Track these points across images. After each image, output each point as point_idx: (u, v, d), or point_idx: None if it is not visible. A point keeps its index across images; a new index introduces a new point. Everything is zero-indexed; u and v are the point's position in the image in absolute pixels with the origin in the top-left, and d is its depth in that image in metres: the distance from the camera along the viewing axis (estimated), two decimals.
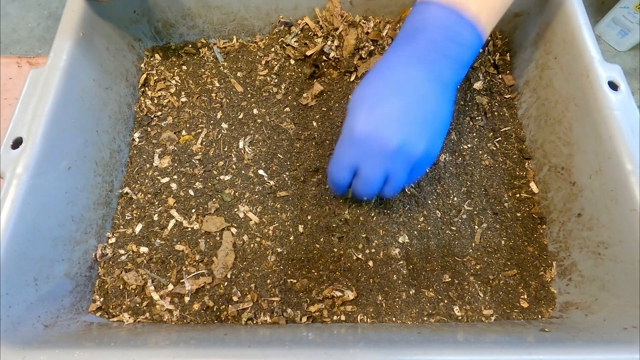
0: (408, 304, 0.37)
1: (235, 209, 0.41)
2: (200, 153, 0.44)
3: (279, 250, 0.39)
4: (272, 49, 0.49)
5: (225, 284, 0.38)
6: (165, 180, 0.42)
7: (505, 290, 0.39)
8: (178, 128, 0.45)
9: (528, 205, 0.43)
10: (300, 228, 0.40)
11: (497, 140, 0.46)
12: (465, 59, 0.32)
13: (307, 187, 0.42)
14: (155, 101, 0.47)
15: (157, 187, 0.42)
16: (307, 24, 0.49)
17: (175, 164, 0.43)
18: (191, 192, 0.42)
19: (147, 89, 0.48)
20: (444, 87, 0.32)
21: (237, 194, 0.42)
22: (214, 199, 0.41)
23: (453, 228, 0.41)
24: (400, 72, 0.32)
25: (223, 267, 0.38)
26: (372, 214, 0.41)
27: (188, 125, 0.45)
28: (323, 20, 0.49)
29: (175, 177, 0.43)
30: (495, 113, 0.47)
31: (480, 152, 0.45)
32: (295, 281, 0.38)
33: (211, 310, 0.37)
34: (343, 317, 0.37)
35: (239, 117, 0.46)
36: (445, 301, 0.38)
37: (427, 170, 0.43)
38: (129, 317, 0.36)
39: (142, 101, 0.47)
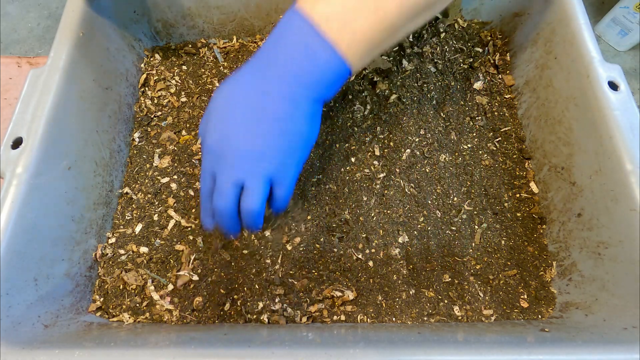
0: (408, 304, 0.37)
1: None
2: (200, 153, 0.44)
3: (279, 250, 0.39)
4: None
5: (226, 283, 0.38)
6: (165, 180, 0.42)
7: (505, 290, 0.39)
8: (178, 128, 0.45)
9: (528, 205, 0.43)
10: (301, 228, 0.40)
11: (497, 140, 0.46)
12: (321, 79, 0.31)
13: (307, 187, 0.42)
14: (155, 101, 0.47)
15: (157, 187, 0.42)
16: None
17: (175, 164, 0.43)
18: (191, 192, 0.42)
19: (147, 89, 0.48)
20: (294, 105, 0.31)
21: None
22: None
23: (453, 228, 0.41)
24: (250, 86, 0.31)
25: (223, 267, 0.38)
26: (372, 214, 0.41)
27: (188, 125, 0.45)
28: None
29: (175, 177, 0.43)
30: (495, 113, 0.47)
31: (480, 152, 0.45)
32: (295, 281, 0.38)
33: (211, 310, 0.37)
34: (343, 317, 0.37)
35: None
36: (445, 301, 0.38)
37: (427, 170, 0.43)
38: (129, 317, 0.36)
39: (142, 101, 0.47)
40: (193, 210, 0.41)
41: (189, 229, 0.40)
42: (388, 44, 0.32)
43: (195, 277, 0.38)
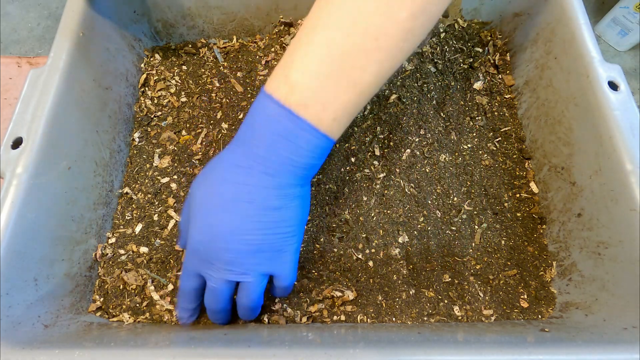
0: (408, 304, 0.37)
1: None
2: (200, 153, 0.44)
3: None
4: (272, 49, 0.49)
5: None
6: (165, 180, 0.42)
7: (505, 290, 0.39)
8: (178, 128, 0.45)
9: (528, 205, 0.43)
10: None
11: (497, 140, 0.46)
12: (307, 160, 0.29)
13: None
14: (155, 101, 0.47)
15: (157, 187, 0.42)
16: None
17: (175, 164, 0.43)
18: None
19: (147, 89, 0.48)
20: (283, 194, 0.29)
21: None
22: None
23: (453, 228, 0.41)
24: (233, 179, 0.29)
25: None
26: (372, 214, 0.41)
27: (188, 125, 0.45)
28: None
29: (175, 177, 0.43)
30: (495, 113, 0.47)
31: (480, 152, 0.45)
32: (295, 281, 0.38)
33: None
34: (343, 317, 0.37)
35: (239, 117, 0.46)
36: (445, 301, 0.38)
37: (427, 170, 0.43)
38: (129, 317, 0.36)
39: (142, 101, 0.47)
40: None
41: None
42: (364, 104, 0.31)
43: None
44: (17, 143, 0.33)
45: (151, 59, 0.49)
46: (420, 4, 0.27)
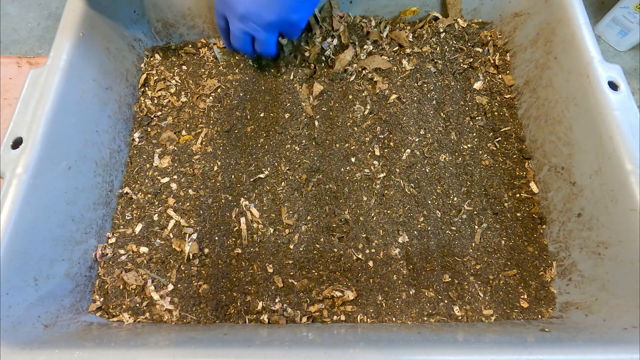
0: (408, 304, 0.37)
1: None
2: (200, 153, 0.44)
3: (279, 250, 0.39)
4: None
5: (225, 283, 0.38)
6: (165, 180, 0.42)
7: (505, 290, 0.39)
8: (178, 128, 0.45)
9: (528, 205, 0.43)
10: (301, 228, 0.40)
11: (497, 140, 0.46)
12: None
13: (308, 187, 0.42)
14: (155, 101, 0.47)
15: (157, 187, 0.42)
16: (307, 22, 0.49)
17: (175, 164, 0.43)
18: (191, 192, 0.42)
19: (147, 89, 0.48)
20: None
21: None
22: None
23: (453, 228, 0.41)
24: None
25: (223, 267, 0.38)
26: (372, 214, 0.41)
27: (188, 125, 0.45)
28: (322, 21, 0.49)
29: (175, 177, 0.43)
30: (495, 113, 0.47)
31: (480, 152, 0.45)
32: (295, 281, 0.38)
33: (211, 310, 0.37)
34: (343, 317, 0.37)
35: (239, 116, 0.46)
36: (445, 301, 0.38)
37: (427, 170, 0.43)
38: (129, 317, 0.36)
39: (142, 101, 0.47)
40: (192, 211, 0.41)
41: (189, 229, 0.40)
42: None
43: (196, 278, 0.38)
44: (17, 143, 0.33)
45: (151, 59, 0.49)
46: None
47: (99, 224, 0.39)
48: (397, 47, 0.49)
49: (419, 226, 0.41)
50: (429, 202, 0.42)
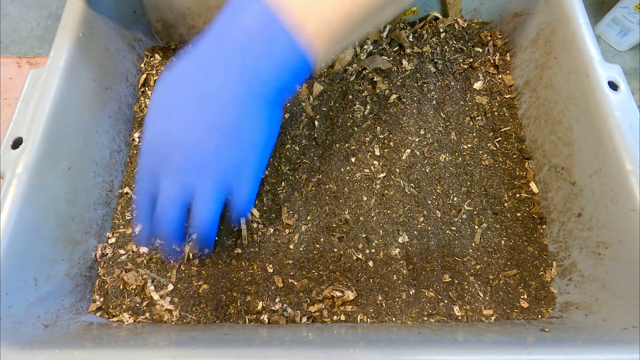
0: (408, 304, 0.37)
1: None
2: None
3: (279, 250, 0.39)
4: None
5: (225, 283, 0.38)
6: None
7: (505, 290, 0.39)
8: None
9: (528, 205, 0.43)
10: (301, 228, 0.40)
11: (497, 140, 0.46)
12: (281, 71, 0.26)
13: (308, 187, 0.42)
14: None
15: None
16: None
17: None
18: None
19: (147, 89, 0.48)
20: (247, 105, 0.27)
21: None
22: None
23: (453, 228, 0.41)
24: (196, 80, 0.27)
25: (223, 267, 0.38)
26: (372, 214, 0.41)
27: None
28: None
29: None
30: (495, 113, 0.47)
31: (480, 152, 0.45)
32: (295, 281, 0.38)
33: (211, 310, 0.37)
34: (343, 317, 0.37)
35: None
36: (445, 301, 0.38)
37: (427, 170, 0.43)
38: (129, 317, 0.36)
39: (142, 101, 0.47)
40: None
41: None
42: (355, 36, 0.28)
43: (196, 278, 0.38)
44: (17, 143, 0.33)
45: (151, 59, 0.49)
46: None
47: (99, 224, 0.39)
48: (397, 47, 0.49)
49: (419, 226, 0.41)
50: (429, 202, 0.42)
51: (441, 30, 0.49)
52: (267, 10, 0.25)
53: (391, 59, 0.49)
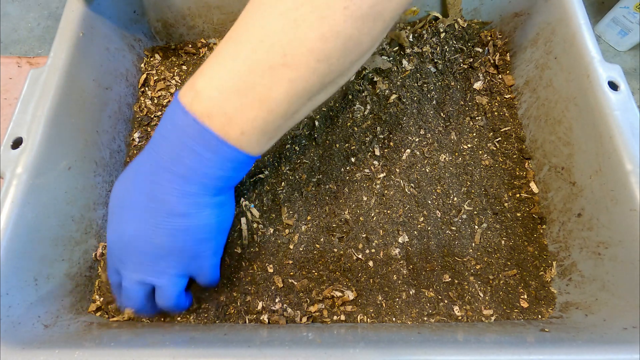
0: (408, 304, 0.37)
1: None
2: None
3: (279, 250, 0.39)
4: None
5: (225, 283, 0.38)
6: None
7: (505, 290, 0.39)
8: None
9: (528, 205, 0.43)
10: (301, 228, 0.40)
11: (497, 140, 0.46)
12: (215, 171, 0.29)
13: (308, 187, 0.42)
14: (155, 101, 0.47)
15: None
16: None
17: None
18: None
19: (147, 89, 0.48)
20: (192, 203, 0.29)
21: (236, 193, 0.42)
22: None
23: (453, 228, 0.41)
24: (144, 184, 0.30)
25: (222, 267, 0.38)
26: (372, 214, 0.41)
27: None
28: None
29: None
30: (495, 113, 0.47)
31: (480, 152, 0.45)
32: (295, 281, 0.38)
33: (211, 310, 0.37)
34: (343, 317, 0.37)
35: None
36: (445, 301, 0.38)
37: (427, 170, 0.43)
38: (129, 317, 0.36)
39: (142, 101, 0.47)
40: None
41: None
42: (291, 124, 0.30)
43: None
44: (17, 143, 0.33)
45: (151, 59, 0.49)
46: (330, 26, 0.25)
47: (99, 224, 0.39)
48: (397, 47, 0.49)
49: (419, 226, 0.41)
50: (429, 202, 0.42)
51: (441, 30, 0.49)
52: (193, 120, 0.27)
53: (391, 59, 0.49)
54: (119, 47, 0.45)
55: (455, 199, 0.42)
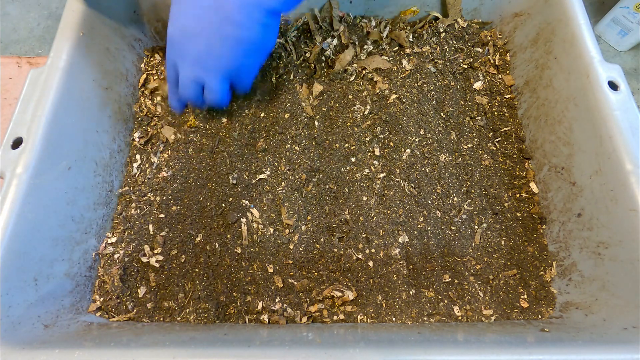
0: (408, 304, 0.37)
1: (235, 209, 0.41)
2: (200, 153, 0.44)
3: (279, 250, 0.39)
4: None
5: (225, 283, 0.38)
6: (166, 180, 0.42)
7: (505, 290, 0.39)
8: (178, 127, 0.45)
9: (528, 205, 0.43)
10: (301, 228, 0.40)
11: (497, 140, 0.46)
12: None
13: (308, 187, 0.42)
14: (155, 101, 0.47)
15: (157, 187, 0.42)
16: (306, 22, 0.49)
17: (175, 164, 0.43)
18: (191, 192, 0.42)
19: (147, 89, 0.48)
20: (247, 12, 0.34)
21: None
22: None
23: (453, 228, 0.41)
24: None
25: (222, 267, 0.38)
26: (372, 214, 0.41)
27: (188, 124, 0.45)
28: (322, 21, 0.49)
29: (175, 177, 0.43)
30: (495, 113, 0.47)
31: (480, 152, 0.45)
32: (295, 281, 0.38)
33: (211, 310, 0.37)
34: (343, 317, 0.37)
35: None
36: (445, 301, 0.38)
37: (427, 170, 0.43)
38: (129, 317, 0.36)
39: (142, 101, 0.47)
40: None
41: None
42: None
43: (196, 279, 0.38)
44: (17, 143, 0.33)
45: (151, 59, 0.49)
46: None
47: (99, 224, 0.39)
48: (397, 47, 0.49)
49: (419, 226, 0.41)
50: (429, 202, 0.42)
51: (441, 30, 0.49)
52: None
53: (391, 59, 0.49)
54: (119, 47, 0.45)
55: (455, 199, 0.42)
